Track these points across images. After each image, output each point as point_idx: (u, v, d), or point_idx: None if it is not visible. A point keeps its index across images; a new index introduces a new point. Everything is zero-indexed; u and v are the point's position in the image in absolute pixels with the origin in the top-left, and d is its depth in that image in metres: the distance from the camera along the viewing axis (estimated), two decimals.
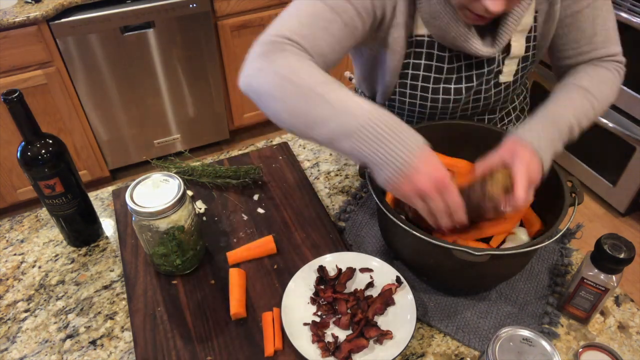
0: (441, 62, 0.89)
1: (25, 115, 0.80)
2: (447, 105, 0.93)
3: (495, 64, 0.90)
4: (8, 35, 1.86)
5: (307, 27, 0.72)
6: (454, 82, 0.90)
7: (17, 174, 2.21)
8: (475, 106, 0.96)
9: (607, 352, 0.75)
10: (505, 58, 0.91)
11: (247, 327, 0.81)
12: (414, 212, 0.86)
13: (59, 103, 2.11)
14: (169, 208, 0.78)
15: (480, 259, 0.69)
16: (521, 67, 0.93)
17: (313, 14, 0.73)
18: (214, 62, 2.36)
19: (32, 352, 0.80)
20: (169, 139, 2.52)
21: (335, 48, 0.75)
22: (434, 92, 0.92)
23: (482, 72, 0.90)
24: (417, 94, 0.93)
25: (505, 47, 0.89)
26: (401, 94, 0.95)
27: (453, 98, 0.92)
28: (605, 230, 2.24)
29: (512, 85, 0.95)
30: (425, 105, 0.95)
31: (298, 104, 0.68)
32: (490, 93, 0.94)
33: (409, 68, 0.90)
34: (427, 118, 0.99)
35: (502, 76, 0.93)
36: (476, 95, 0.93)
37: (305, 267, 0.86)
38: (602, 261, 0.73)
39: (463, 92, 0.91)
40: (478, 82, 0.91)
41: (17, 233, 1.01)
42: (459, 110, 0.96)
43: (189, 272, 0.89)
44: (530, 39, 0.90)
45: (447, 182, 0.65)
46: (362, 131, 0.64)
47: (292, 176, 1.09)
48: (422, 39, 0.87)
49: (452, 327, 0.81)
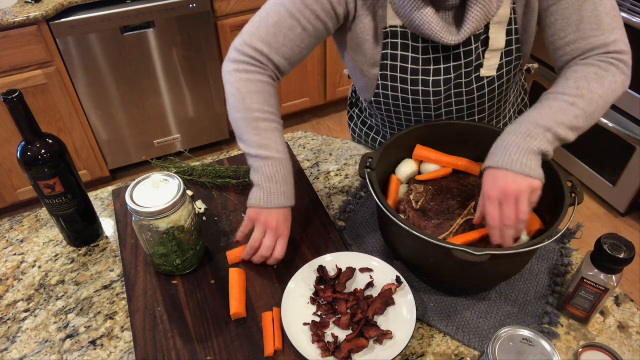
0: (416, 53, 0.90)
1: (25, 115, 0.80)
2: (428, 98, 0.94)
3: (472, 56, 0.90)
4: (8, 35, 1.86)
5: (272, 35, 0.87)
6: (432, 74, 0.91)
7: (17, 174, 2.21)
8: (458, 101, 0.95)
9: (607, 352, 0.75)
10: (486, 51, 0.90)
11: (247, 327, 0.81)
12: (414, 213, 0.86)
13: (59, 103, 2.11)
14: (169, 208, 0.78)
15: (480, 259, 0.69)
16: (505, 62, 0.92)
17: (277, 23, 0.87)
18: (214, 62, 2.36)
19: (32, 352, 0.80)
20: (169, 139, 2.52)
21: (296, 51, 0.89)
22: (413, 84, 0.93)
23: (459, 64, 0.90)
24: (398, 86, 0.94)
25: (485, 40, 0.89)
26: (384, 87, 0.96)
27: (432, 90, 0.92)
28: (605, 230, 2.24)
29: (498, 80, 0.94)
30: (407, 99, 0.95)
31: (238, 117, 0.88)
32: (472, 87, 0.93)
33: (387, 59, 0.92)
34: (413, 116, 0.99)
35: (483, 70, 0.92)
36: (457, 89, 0.93)
37: (305, 267, 0.86)
38: (602, 261, 0.73)
39: (442, 85, 0.92)
40: (456, 74, 0.91)
41: (17, 233, 1.01)
42: (443, 105, 0.96)
43: (189, 272, 0.89)
44: (512, 32, 0.89)
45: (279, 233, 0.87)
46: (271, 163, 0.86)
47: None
48: (396, 29, 0.89)
49: (452, 327, 0.81)
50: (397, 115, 1.01)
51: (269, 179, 0.86)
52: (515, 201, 0.74)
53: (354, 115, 1.23)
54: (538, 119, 0.79)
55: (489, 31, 0.88)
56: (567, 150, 2.41)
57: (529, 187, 0.74)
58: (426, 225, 0.83)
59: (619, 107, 2.10)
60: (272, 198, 0.86)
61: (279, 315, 0.80)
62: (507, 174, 0.75)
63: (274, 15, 0.87)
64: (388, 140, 0.90)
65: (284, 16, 0.86)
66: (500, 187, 0.75)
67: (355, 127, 1.23)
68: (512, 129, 0.79)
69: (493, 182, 0.76)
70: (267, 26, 0.87)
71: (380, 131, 1.15)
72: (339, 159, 1.17)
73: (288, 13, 0.86)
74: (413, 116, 0.99)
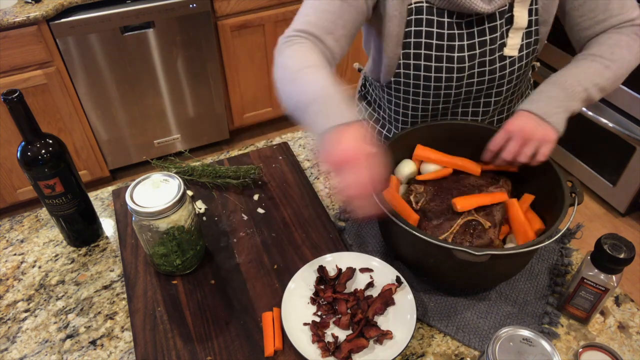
0: (441, 28, 0.90)
1: (25, 115, 0.80)
2: (451, 75, 0.94)
3: (497, 33, 0.91)
4: (8, 35, 1.86)
5: (313, 15, 0.86)
6: (456, 50, 0.92)
7: (17, 174, 2.21)
8: (480, 80, 0.96)
9: (607, 352, 0.75)
10: (510, 30, 0.92)
11: (247, 327, 0.81)
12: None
13: (59, 103, 2.11)
14: (169, 208, 0.78)
15: (480, 259, 0.69)
16: (526, 44, 0.94)
17: (313, 4, 0.87)
18: (214, 62, 2.36)
19: (32, 352, 0.80)
20: (169, 139, 2.52)
21: (339, 23, 0.86)
22: (437, 60, 0.93)
23: (483, 40, 0.92)
24: (421, 64, 0.94)
25: (509, 19, 0.91)
26: (405, 66, 0.96)
27: (457, 67, 0.93)
28: (605, 230, 2.24)
29: (518, 62, 0.96)
30: (429, 78, 0.95)
31: (287, 87, 0.81)
32: (496, 66, 0.95)
33: (410, 36, 0.92)
34: (432, 97, 0.99)
35: (506, 49, 0.94)
36: (481, 68, 0.94)
37: (305, 267, 0.86)
38: (602, 261, 0.73)
39: (466, 61, 0.92)
40: (481, 51, 0.92)
41: (17, 233, 1.01)
42: (465, 84, 0.96)
43: (189, 272, 0.89)
44: (532, 12, 0.91)
45: (358, 159, 0.68)
46: (309, 106, 0.75)
47: (292, 176, 1.09)
48: (421, 5, 0.89)
49: (452, 327, 0.81)
50: (415, 97, 1.01)
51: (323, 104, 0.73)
52: (523, 142, 0.82)
53: (362, 108, 1.23)
54: (580, 77, 0.87)
55: (513, 9, 0.90)
56: (567, 150, 2.41)
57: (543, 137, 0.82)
58: (426, 226, 0.83)
59: (619, 107, 2.10)
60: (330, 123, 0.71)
61: (279, 315, 0.80)
62: (537, 119, 0.83)
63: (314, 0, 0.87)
64: (388, 141, 0.90)
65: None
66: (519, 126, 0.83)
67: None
68: (559, 79, 0.87)
69: (519, 120, 0.84)
70: (307, 9, 0.88)
71: (385, 124, 1.15)
72: None
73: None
74: (432, 97, 0.99)
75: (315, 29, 0.86)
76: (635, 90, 2.00)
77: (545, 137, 0.82)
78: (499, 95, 1.01)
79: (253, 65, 2.49)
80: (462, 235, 0.80)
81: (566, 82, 0.86)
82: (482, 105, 1.01)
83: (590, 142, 2.28)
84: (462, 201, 0.83)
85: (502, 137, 0.85)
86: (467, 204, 0.83)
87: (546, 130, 0.82)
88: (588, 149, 2.31)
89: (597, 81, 0.87)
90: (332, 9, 0.86)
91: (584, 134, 2.28)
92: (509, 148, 0.83)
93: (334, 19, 0.86)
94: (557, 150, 2.46)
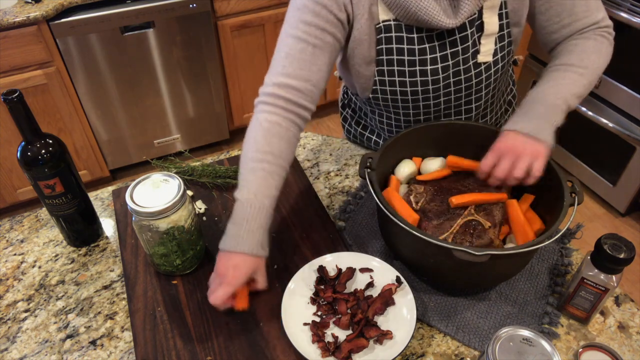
0: (411, 44, 0.90)
1: (25, 115, 0.80)
2: (427, 88, 0.94)
3: (469, 42, 0.91)
4: (8, 35, 1.86)
5: (288, 66, 0.86)
6: (429, 63, 0.91)
7: (17, 174, 2.21)
8: (457, 89, 0.96)
9: (607, 352, 0.75)
10: (481, 37, 0.92)
11: (247, 327, 0.81)
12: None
13: (59, 103, 2.11)
14: (169, 208, 0.78)
15: (480, 259, 0.69)
16: (499, 47, 0.94)
17: (288, 54, 0.87)
18: (214, 62, 2.36)
19: (32, 352, 0.80)
20: (169, 139, 2.52)
21: (314, 69, 0.87)
22: (411, 75, 0.93)
23: (455, 50, 0.91)
24: (396, 80, 0.94)
25: (479, 26, 0.91)
26: (381, 82, 0.96)
27: (431, 79, 0.93)
28: (605, 230, 2.24)
29: (494, 66, 0.96)
30: (406, 92, 0.95)
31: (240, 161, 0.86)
32: (471, 74, 0.94)
33: (382, 54, 0.92)
34: (412, 109, 0.99)
35: (480, 56, 0.93)
36: (456, 77, 0.94)
37: (305, 267, 0.86)
38: (602, 261, 0.73)
39: (440, 73, 0.92)
40: (454, 61, 0.92)
41: (17, 233, 1.01)
42: (442, 94, 0.96)
43: (189, 272, 0.89)
44: (503, 16, 0.91)
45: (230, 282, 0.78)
46: (234, 209, 0.82)
47: (292, 176, 1.09)
48: (389, 23, 0.89)
49: (452, 327, 0.81)
50: (396, 110, 1.01)
51: (231, 220, 0.82)
52: (515, 158, 0.80)
53: (347, 116, 1.23)
54: (558, 90, 0.87)
55: (482, 16, 0.90)
56: (567, 150, 2.41)
57: (534, 151, 0.81)
58: (426, 226, 0.83)
59: (619, 107, 2.10)
60: (225, 239, 0.81)
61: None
62: (526, 136, 0.82)
63: (284, 47, 0.87)
64: (388, 141, 0.90)
65: (292, 44, 0.86)
66: (509, 144, 0.82)
67: (350, 127, 1.23)
68: (537, 96, 0.87)
69: (507, 139, 0.84)
70: (280, 60, 0.87)
71: (374, 130, 1.15)
72: (339, 159, 1.17)
73: (295, 39, 0.86)
74: (412, 109, 0.99)
75: (292, 81, 0.86)
76: (635, 90, 2.00)
77: (537, 152, 0.81)
78: (479, 100, 1.01)
79: (253, 65, 2.49)
80: (462, 235, 0.80)
81: (545, 98, 0.86)
82: (464, 112, 1.01)
83: (590, 142, 2.28)
84: (457, 197, 0.83)
85: (493, 157, 0.83)
86: (462, 200, 0.83)
87: (536, 145, 0.81)
88: (588, 149, 2.31)
89: (575, 91, 0.87)
90: (306, 57, 0.86)
91: (584, 134, 2.28)
92: (501, 166, 0.81)
93: (309, 66, 0.87)
94: (557, 150, 2.46)
